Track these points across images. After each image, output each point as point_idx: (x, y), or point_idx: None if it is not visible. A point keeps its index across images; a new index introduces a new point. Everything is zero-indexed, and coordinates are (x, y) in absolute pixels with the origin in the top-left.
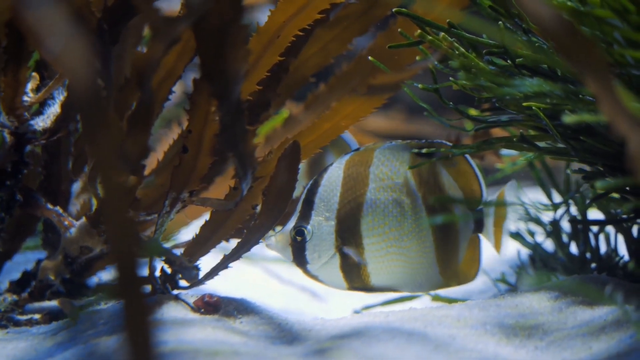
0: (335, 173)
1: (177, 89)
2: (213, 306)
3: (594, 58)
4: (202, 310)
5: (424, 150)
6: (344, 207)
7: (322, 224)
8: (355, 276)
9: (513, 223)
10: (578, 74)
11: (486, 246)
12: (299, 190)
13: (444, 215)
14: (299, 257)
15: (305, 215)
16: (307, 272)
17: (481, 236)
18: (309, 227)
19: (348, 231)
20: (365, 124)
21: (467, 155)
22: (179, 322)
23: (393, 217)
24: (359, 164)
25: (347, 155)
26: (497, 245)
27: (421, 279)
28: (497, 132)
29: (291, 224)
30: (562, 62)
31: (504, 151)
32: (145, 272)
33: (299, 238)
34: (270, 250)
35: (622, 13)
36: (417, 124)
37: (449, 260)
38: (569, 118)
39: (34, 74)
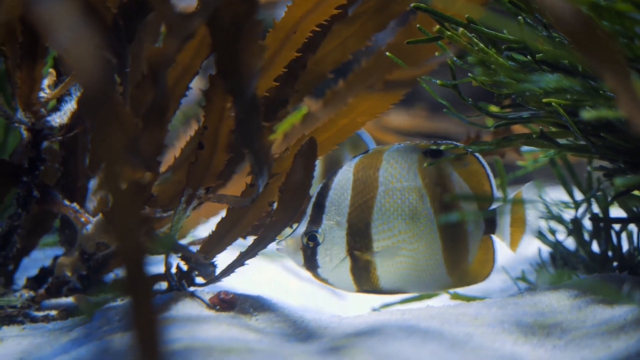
0: (345, 176)
1: (197, 85)
2: (228, 303)
3: (612, 53)
4: (218, 307)
5: (443, 148)
6: (354, 210)
7: (333, 228)
8: (364, 279)
9: (534, 224)
10: (595, 70)
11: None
12: (316, 186)
13: (453, 215)
14: (310, 261)
15: (317, 220)
16: (317, 275)
17: (495, 236)
18: (320, 231)
19: (359, 234)
20: (387, 122)
21: (479, 155)
22: (194, 319)
23: (402, 220)
24: (368, 166)
25: (356, 158)
26: (513, 245)
27: (429, 280)
28: (518, 128)
29: (302, 228)
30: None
31: (525, 148)
32: (161, 268)
33: (311, 243)
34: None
35: None
36: (439, 122)
37: (458, 261)
38: (588, 114)
39: (51, 70)
